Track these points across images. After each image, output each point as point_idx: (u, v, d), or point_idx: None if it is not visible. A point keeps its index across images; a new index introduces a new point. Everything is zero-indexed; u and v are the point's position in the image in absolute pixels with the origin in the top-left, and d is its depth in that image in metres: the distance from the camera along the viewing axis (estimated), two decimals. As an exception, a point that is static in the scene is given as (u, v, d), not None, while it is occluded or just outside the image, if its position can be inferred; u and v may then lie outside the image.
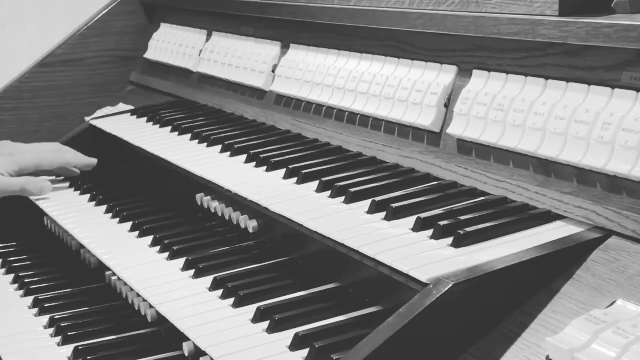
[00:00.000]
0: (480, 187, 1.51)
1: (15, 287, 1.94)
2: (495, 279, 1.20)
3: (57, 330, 1.67)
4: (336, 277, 1.48)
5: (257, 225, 1.66)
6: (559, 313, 1.17)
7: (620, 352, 1.00)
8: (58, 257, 2.09)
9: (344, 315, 1.37)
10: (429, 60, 1.70)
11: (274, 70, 2.13)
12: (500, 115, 1.48)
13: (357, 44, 1.90)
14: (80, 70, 2.76)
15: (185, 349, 1.42)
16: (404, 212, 1.45)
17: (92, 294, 1.85)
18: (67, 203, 2.11)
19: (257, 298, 1.45)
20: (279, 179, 1.73)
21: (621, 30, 1.27)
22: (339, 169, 1.71)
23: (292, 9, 2.06)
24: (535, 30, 1.41)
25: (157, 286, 1.57)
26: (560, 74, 1.42)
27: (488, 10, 1.53)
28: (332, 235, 1.42)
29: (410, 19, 1.68)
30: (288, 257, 1.60)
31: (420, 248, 1.32)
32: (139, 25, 2.82)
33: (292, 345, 1.29)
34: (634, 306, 1.10)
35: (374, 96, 1.78)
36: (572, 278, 1.21)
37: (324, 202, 1.58)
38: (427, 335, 1.17)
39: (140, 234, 1.82)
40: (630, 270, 1.18)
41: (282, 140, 1.96)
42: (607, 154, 1.29)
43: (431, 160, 1.63)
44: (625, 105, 1.29)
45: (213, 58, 2.38)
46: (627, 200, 1.28)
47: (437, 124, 1.63)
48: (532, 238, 1.31)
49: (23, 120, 2.70)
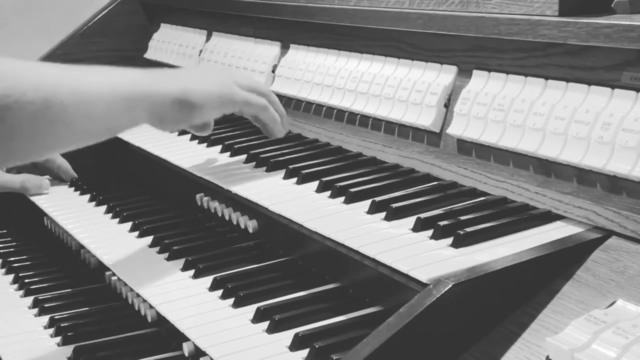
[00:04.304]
0: (480, 187, 1.52)
1: (15, 287, 1.93)
2: (495, 279, 1.20)
3: (57, 330, 1.67)
4: (336, 277, 1.48)
5: (257, 225, 1.67)
6: (559, 313, 1.17)
7: (620, 352, 1.00)
8: (58, 257, 2.09)
9: (344, 315, 1.37)
10: (429, 60, 1.70)
11: (274, 70, 2.13)
12: (500, 115, 1.48)
13: (357, 44, 1.90)
14: (80, 70, 2.76)
15: (185, 349, 1.42)
16: (404, 212, 1.45)
17: (92, 294, 1.85)
18: (67, 203, 2.11)
19: (257, 298, 1.45)
20: (278, 179, 1.73)
21: (621, 30, 1.27)
22: (338, 169, 1.71)
23: (292, 9, 2.06)
24: (535, 30, 1.41)
25: (157, 286, 1.56)
26: (560, 74, 1.42)
27: (488, 10, 1.53)
28: (332, 236, 1.42)
29: (410, 19, 1.68)
30: (288, 257, 1.60)
31: (420, 248, 1.32)
32: (139, 25, 2.82)
33: (292, 345, 1.29)
34: (634, 306, 1.10)
35: (373, 96, 1.78)
36: (572, 278, 1.21)
37: (324, 202, 1.58)
38: (427, 335, 1.17)
39: (140, 234, 1.82)
40: (630, 270, 1.18)
41: (282, 140, 1.96)
42: (607, 154, 1.29)
43: (431, 160, 1.63)
44: (625, 105, 1.29)
45: (213, 58, 2.38)
46: (627, 200, 1.28)
47: (437, 124, 1.63)
48: (532, 238, 1.31)
49: (23, 121, 2.70)
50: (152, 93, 1.54)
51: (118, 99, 1.49)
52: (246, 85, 1.73)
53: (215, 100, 1.64)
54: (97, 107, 1.46)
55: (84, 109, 1.43)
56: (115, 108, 1.49)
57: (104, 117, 1.48)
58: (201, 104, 1.61)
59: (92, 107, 1.45)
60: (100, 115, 1.47)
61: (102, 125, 1.50)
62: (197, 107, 1.60)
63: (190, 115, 1.61)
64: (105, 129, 1.53)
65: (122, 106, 1.50)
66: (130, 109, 1.52)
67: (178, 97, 1.57)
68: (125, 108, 1.51)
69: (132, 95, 1.51)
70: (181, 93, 1.58)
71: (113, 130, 1.56)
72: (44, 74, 1.42)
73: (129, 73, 1.55)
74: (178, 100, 1.57)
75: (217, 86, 1.66)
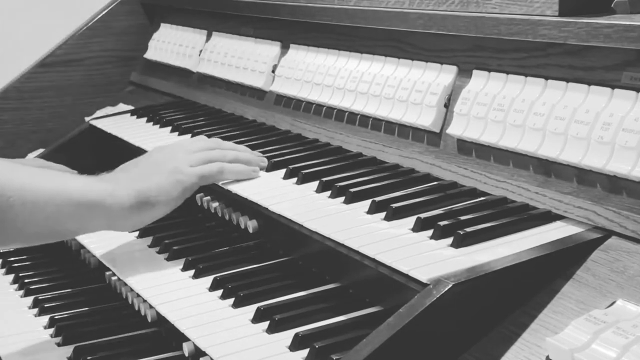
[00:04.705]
0: (480, 187, 1.52)
1: (15, 287, 1.93)
2: (495, 279, 1.20)
3: (57, 330, 1.67)
4: (336, 277, 1.48)
5: (257, 225, 1.67)
6: (559, 313, 1.17)
7: (620, 352, 1.00)
8: (58, 257, 2.09)
9: (344, 315, 1.37)
10: (429, 60, 1.70)
11: (274, 70, 2.13)
12: (500, 115, 1.48)
13: (357, 44, 1.90)
14: (80, 70, 2.76)
15: (185, 349, 1.42)
16: (404, 212, 1.45)
17: (92, 294, 1.85)
18: (67, 203, 2.11)
19: (257, 298, 1.45)
20: (278, 178, 1.73)
21: (621, 30, 1.27)
22: (339, 169, 1.71)
23: (292, 9, 2.06)
24: (535, 30, 1.41)
25: (157, 286, 1.57)
26: (560, 74, 1.42)
27: (488, 10, 1.53)
28: (332, 236, 1.42)
29: (410, 19, 1.68)
30: (288, 257, 1.60)
31: (420, 248, 1.32)
32: (139, 25, 2.82)
33: (292, 345, 1.29)
34: (634, 306, 1.10)
35: (373, 96, 1.78)
36: (572, 278, 1.22)
37: (324, 202, 1.58)
38: (427, 335, 1.17)
39: (140, 234, 1.82)
40: (630, 270, 1.18)
41: (282, 140, 1.96)
42: (607, 154, 1.29)
43: (431, 160, 1.63)
44: (625, 105, 1.29)
45: (213, 58, 2.38)
46: (627, 200, 1.28)
47: (437, 124, 1.63)
48: (532, 238, 1.31)
49: (23, 120, 2.71)
50: (106, 198, 1.54)
51: (70, 202, 1.48)
52: (193, 154, 1.70)
53: (173, 191, 1.63)
54: (46, 208, 1.44)
55: (30, 209, 1.42)
56: (66, 211, 1.48)
57: (52, 219, 1.46)
58: (159, 200, 1.60)
59: (42, 208, 1.44)
60: (49, 217, 1.45)
61: (51, 228, 1.48)
62: (157, 204, 1.60)
63: (151, 214, 1.61)
64: (54, 231, 1.51)
65: (74, 211, 1.49)
66: (82, 215, 1.51)
67: (134, 200, 1.57)
68: (76, 213, 1.50)
69: (85, 200, 1.51)
70: (136, 195, 1.58)
71: (63, 234, 1.55)
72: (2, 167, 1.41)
73: (81, 179, 1.55)
74: (136, 203, 1.57)
75: (167, 176, 1.63)
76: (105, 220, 1.56)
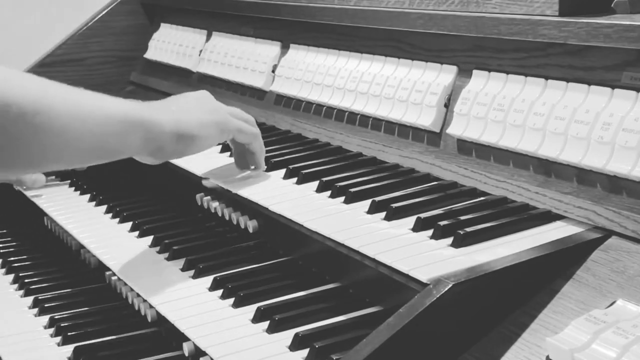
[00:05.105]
0: (480, 187, 1.52)
1: (15, 287, 1.93)
2: (495, 279, 1.20)
3: (57, 330, 1.67)
4: (336, 277, 1.48)
5: (257, 225, 1.67)
6: (559, 313, 1.17)
7: (620, 352, 1.00)
8: (58, 257, 2.09)
9: (344, 315, 1.37)
10: (429, 60, 1.70)
11: (274, 70, 2.13)
12: (500, 115, 1.48)
13: (357, 44, 1.90)
14: (80, 70, 2.76)
15: (185, 349, 1.42)
16: (404, 212, 1.45)
17: (92, 294, 1.85)
18: (67, 203, 2.11)
19: (257, 298, 1.45)
20: (278, 178, 1.73)
21: (621, 30, 1.27)
22: (339, 169, 1.71)
23: (292, 9, 2.06)
24: (535, 30, 1.41)
25: (157, 286, 1.56)
26: (560, 74, 1.42)
27: (488, 10, 1.53)
28: (332, 236, 1.42)
29: (410, 19, 1.68)
30: (288, 257, 1.60)
31: (420, 248, 1.32)
32: (139, 25, 2.82)
33: (292, 345, 1.29)
34: (634, 306, 1.10)
35: (373, 96, 1.78)
36: (572, 278, 1.21)
37: (324, 202, 1.58)
38: (427, 335, 1.17)
39: (140, 234, 1.82)
40: (630, 270, 1.18)
41: (282, 140, 1.96)
42: (607, 154, 1.29)
43: (431, 160, 1.63)
44: (625, 105, 1.29)
45: (213, 58, 2.38)
46: (627, 200, 1.28)
47: (437, 124, 1.63)
48: (532, 238, 1.31)
49: (23, 120, 2.70)
50: (147, 121, 1.51)
51: (112, 120, 1.45)
52: (237, 114, 1.72)
53: (212, 129, 1.62)
54: (88, 121, 1.40)
55: (74, 120, 1.37)
56: (108, 128, 1.44)
57: (96, 134, 1.42)
58: (199, 134, 1.59)
59: (84, 121, 1.39)
60: (92, 132, 1.41)
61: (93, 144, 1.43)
62: (196, 138, 1.59)
63: (188, 147, 1.59)
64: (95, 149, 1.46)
65: (116, 128, 1.46)
66: (123, 133, 1.47)
67: (175, 128, 1.55)
68: (118, 130, 1.46)
69: (127, 119, 1.47)
70: (177, 124, 1.56)
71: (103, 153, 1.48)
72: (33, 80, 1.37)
73: (123, 100, 1.51)
74: (176, 132, 1.55)
75: (211, 115, 1.64)
76: (143, 142, 1.51)
